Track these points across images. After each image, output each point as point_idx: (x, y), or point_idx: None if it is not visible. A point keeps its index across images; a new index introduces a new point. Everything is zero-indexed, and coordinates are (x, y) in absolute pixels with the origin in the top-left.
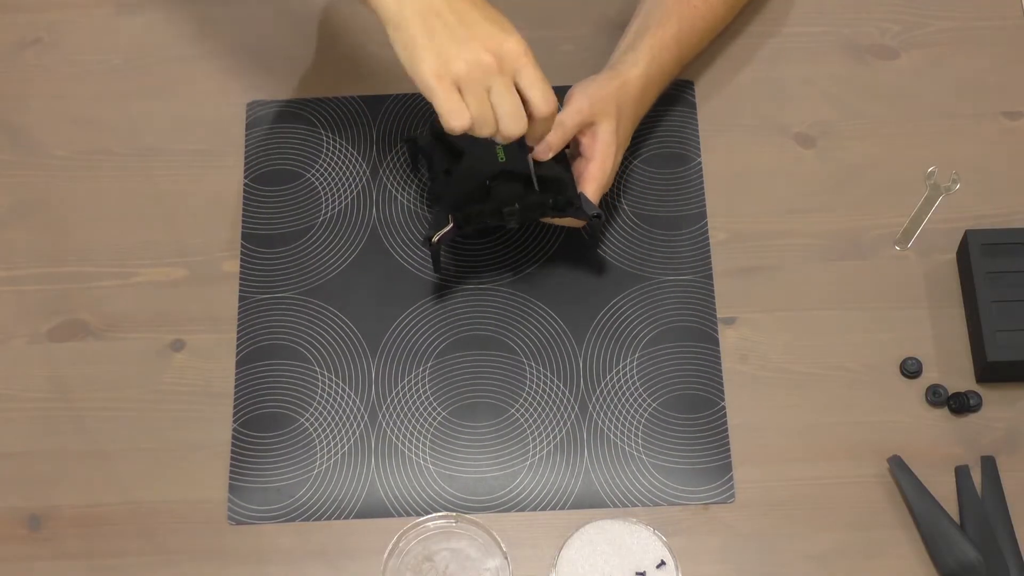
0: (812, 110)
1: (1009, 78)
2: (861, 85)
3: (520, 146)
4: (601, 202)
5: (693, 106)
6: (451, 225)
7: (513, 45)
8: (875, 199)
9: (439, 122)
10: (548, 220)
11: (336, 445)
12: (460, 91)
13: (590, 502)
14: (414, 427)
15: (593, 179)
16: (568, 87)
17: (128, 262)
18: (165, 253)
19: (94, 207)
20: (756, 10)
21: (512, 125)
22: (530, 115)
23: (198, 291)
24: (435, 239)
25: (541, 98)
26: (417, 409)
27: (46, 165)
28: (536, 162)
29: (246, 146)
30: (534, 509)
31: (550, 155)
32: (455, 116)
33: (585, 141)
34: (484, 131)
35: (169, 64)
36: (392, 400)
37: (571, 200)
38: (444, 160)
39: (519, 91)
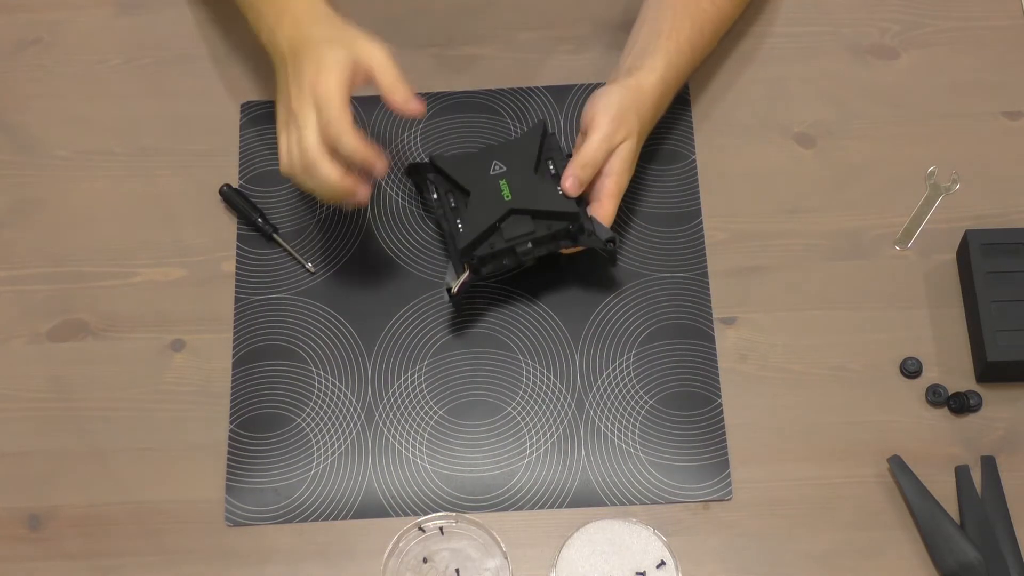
0: (812, 110)
1: (1009, 78)
2: (861, 85)
3: (523, 181)
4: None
5: (687, 103)
6: (467, 273)
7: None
8: (875, 199)
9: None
10: (563, 251)
11: (333, 445)
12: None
13: (587, 500)
14: (411, 426)
15: (611, 196)
16: (568, 87)
17: (128, 262)
18: (164, 253)
19: (94, 207)
20: (756, 10)
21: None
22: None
23: (197, 291)
24: (455, 290)
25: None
26: (414, 408)
27: (46, 165)
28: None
29: (240, 147)
30: (531, 508)
31: (579, 191)
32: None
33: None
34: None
35: (168, 64)
36: (388, 399)
37: (583, 228)
38: (449, 195)
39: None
